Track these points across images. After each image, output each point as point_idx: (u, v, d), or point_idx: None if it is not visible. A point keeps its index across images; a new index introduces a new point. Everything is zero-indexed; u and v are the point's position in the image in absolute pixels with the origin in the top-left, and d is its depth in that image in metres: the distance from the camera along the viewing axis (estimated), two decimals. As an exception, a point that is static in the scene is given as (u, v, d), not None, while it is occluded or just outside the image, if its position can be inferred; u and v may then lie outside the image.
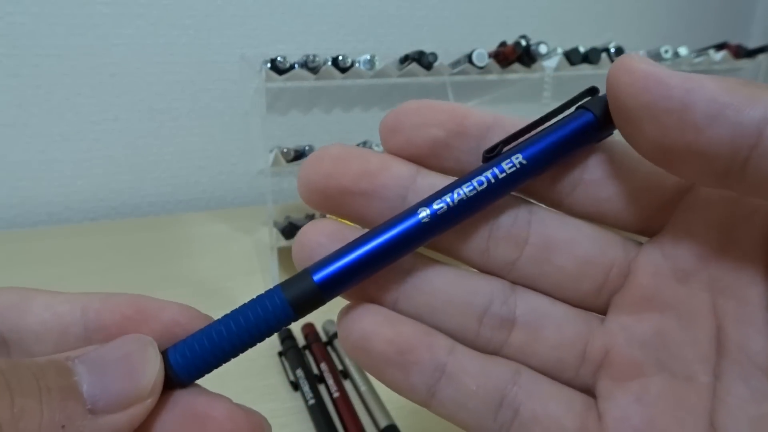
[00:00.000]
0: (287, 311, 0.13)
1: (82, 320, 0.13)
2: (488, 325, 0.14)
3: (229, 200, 0.76)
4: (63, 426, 0.10)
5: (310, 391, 0.30)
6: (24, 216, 0.66)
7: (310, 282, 0.13)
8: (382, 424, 0.28)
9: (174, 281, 0.47)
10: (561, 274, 0.14)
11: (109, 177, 0.69)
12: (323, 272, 0.13)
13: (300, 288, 0.13)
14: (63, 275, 0.49)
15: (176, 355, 0.13)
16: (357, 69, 0.40)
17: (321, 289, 0.13)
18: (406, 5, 0.76)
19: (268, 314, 0.13)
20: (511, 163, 0.13)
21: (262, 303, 0.13)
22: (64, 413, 0.10)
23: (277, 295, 0.13)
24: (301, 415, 0.30)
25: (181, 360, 0.13)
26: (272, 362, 0.34)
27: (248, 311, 0.13)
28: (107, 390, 0.11)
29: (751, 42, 0.58)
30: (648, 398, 0.13)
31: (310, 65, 0.40)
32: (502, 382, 0.14)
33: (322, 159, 0.14)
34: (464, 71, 0.44)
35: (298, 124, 0.75)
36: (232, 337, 0.13)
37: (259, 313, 0.13)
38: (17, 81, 0.62)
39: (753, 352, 0.12)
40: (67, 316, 0.13)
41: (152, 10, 0.65)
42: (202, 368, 0.13)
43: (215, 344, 0.13)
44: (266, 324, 0.13)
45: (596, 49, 0.47)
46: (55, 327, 0.13)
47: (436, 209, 0.13)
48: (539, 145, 0.13)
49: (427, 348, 0.13)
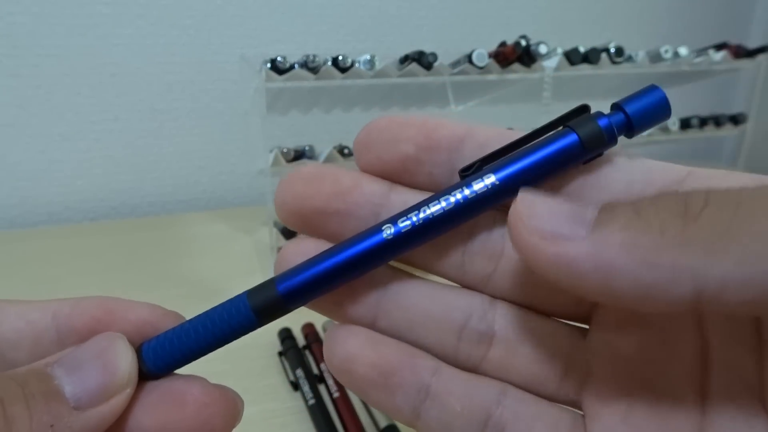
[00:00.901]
0: (250, 317, 0.13)
1: (53, 325, 0.14)
2: (467, 340, 0.14)
3: (229, 200, 0.76)
4: (52, 425, 0.11)
5: (310, 391, 0.30)
6: (24, 216, 0.66)
7: (273, 291, 0.13)
8: (381, 424, 0.28)
9: (174, 281, 0.47)
10: (537, 286, 0.14)
11: (109, 177, 0.69)
12: (287, 283, 0.13)
13: (264, 296, 0.13)
14: (63, 275, 0.49)
15: (149, 351, 0.13)
16: (357, 69, 0.40)
17: (284, 298, 0.13)
18: (406, 5, 0.76)
19: (232, 319, 0.13)
20: (483, 183, 0.13)
21: (229, 308, 0.14)
22: (51, 414, 0.11)
23: (242, 302, 0.13)
24: (301, 415, 0.30)
25: (153, 355, 0.13)
26: (272, 362, 0.34)
27: (215, 314, 0.14)
28: (87, 386, 0.12)
29: (751, 42, 0.58)
30: (634, 419, 0.13)
31: (310, 65, 0.40)
32: (487, 402, 0.14)
33: (295, 181, 0.14)
34: (464, 71, 0.44)
35: (298, 124, 0.75)
36: (199, 338, 0.13)
37: (225, 317, 0.13)
38: (17, 81, 0.62)
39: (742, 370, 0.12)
40: (39, 323, 0.14)
41: (152, 10, 0.65)
42: (172, 363, 0.14)
43: (184, 343, 0.13)
44: (230, 328, 0.13)
45: (596, 49, 0.47)
46: (28, 334, 0.14)
47: (401, 227, 0.13)
48: (515, 166, 0.13)
49: (411, 370, 0.13)
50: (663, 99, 0.12)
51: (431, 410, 0.13)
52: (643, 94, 0.13)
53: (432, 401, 0.13)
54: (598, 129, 0.12)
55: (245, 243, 0.57)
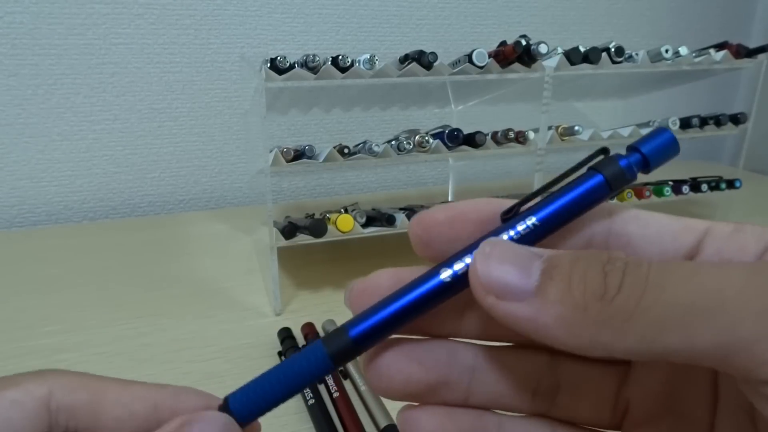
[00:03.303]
0: (327, 363, 0.15)
1: (155, 417, 0.15)
2: (539, 395, 0.16)
3: (229, 200, 0.76)
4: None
5: (310, 390, 0.30)
6: (24, 216, 0.66)
7: (346, 338, 0.15)
8: (381, 424, 0.28)
9: (174, 281, 0.47)
10: None
11: (108, 177, 0.69)
12: (357, 329, 0.15)
13: (338, 343, 0.15)
14: (63, 275, 0.49)
15: (236, 402, 0.15)
16: (357, 69, 0.40)
17: (356, 343, 0.15)
18: (406, 5, 0.76)
19: (311, 366, 0.15)
20: (525, 224, 0.14)
21: (308, 356, 0.15)
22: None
23: (319, 350, 0.15)
24: (301, 415, 0.30)
25: (240, 406, 0.15)
26: (272, 362, 0.34)
27: (295, 364, 0.15)
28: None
29: (751, 42, 0.58)
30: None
31: (310, 65, 0.39)
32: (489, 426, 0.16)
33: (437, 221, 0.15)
34: (464, 71, 0.43)
35: (298, 124, 0.75)
36: (282, 386, 0.15)
37: (304, 365, 0.15)
38: (17, 81, 0.62)
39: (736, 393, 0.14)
40: (141, 414, 0.15)
41: (152, 10, 0.65)
42: (256, 412, 0.15)
43: (268, 392, 0.15)
44: (310, 375, 0.15)
45: (596, 49, 0.47)
46: (130, 424, 0.15)
47: (456, 270, 0.14)
48: (552, 207, 0.14)
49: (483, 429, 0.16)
50: (672, 138, 0.14)
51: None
52: (654, 135, 0.15)
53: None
54: (619, 168, 0.14)
55: (245, 243, 0.57)
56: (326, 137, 0.77)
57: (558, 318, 0.12)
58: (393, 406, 0.29)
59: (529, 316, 0.12)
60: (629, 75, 0.51)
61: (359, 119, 0.78)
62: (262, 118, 0.39)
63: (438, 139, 0.44)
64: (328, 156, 0.41)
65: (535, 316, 0.12)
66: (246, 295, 0.44)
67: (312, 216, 0.47)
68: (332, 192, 0.80)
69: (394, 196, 0.76)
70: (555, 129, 0.51)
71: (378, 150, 0.43)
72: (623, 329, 0.11)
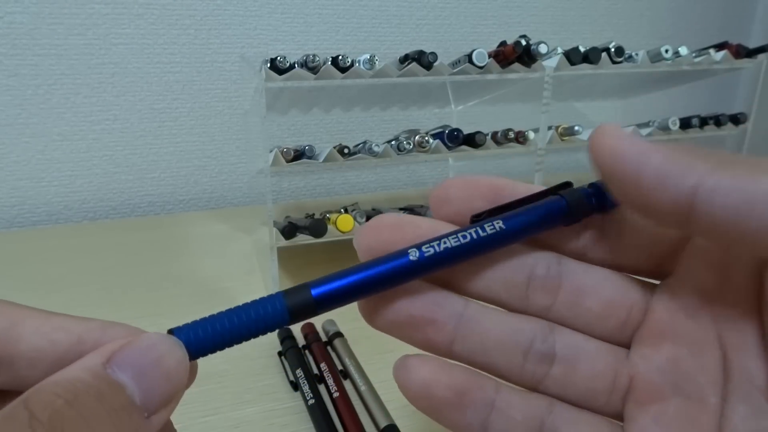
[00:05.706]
0: (284, 316, 0.14)
1: (78, 350, 0.13)
2: (532, 360, 0.16)
3: (229, 200, 0.76)
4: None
5: (310, 391, 0.30)
6: (24, 216, 0.66)
7: (308, 295, 0.15)
8: (382, 424, 0.28)
9: (174, 281, 0.47)
10: (590, 315, 0.17)
11: (108, 177, 0.69)
12: (320, 289, 0.15)
13: (299, 298, 0.15)
14: (63, 275, 0.49)
15: (181, 336, 0.14)
16: (357, 69, 0.40)
17: (316, 302, 0.15)
18: (406, 5, 0.76)
19: (267, 315, 0.14)
20: (492, 226, 0.16)
21: (264, 304, 0.15)
22: (132, 427, 0.12)
23: (278, 300, 0.15)
24: (301, 415, 0.30)
25: (185, 341, 0.14)
26: (272, 362, 0.34)
27: (250, 308, 0.15)
28: (154, 396, 0.12)
29: (751, 42, 0.58)
30: (665, 419, 0.15)
31: (309, 65, 0.39)
32: (540, 411, 0.16)
33: (381, 228, 0.16)
34: (464, 71, 0.43)
35: (298, 124, 0.75)
36: (232, 328, 0.14)
37: (260, 312, 0.14)
38: (17, 81, 0.62)
39: (752, 375, 0.14)
40: (62, 344, 0.13)
41: (152, 10, 0.65)
42: (200, 351, 0.14)
43: (217, 332, 0.14)
44: (263, 323, 0.14)
45: (596, 49, 0.47)
46: (49, 355, 0.13)
47: (424, 252, 0.15)
48: (518, 219, 0.16)
49: (479, 388, 0.16)
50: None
51: (496, 422, 0.16)
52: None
53: (497, 414, 0.16)
54: (580, 196, 0.16)
55: (245, 243, 0.57)
56: (326, 137, 0.77)
57: (662, 151, 0.13)
58: (393, 406, 0.29)
59: (631, 148, 0.13)
60: (629, 75, 0.51)
61: (359, 119, 0.78)
62: (262, 118, 0.39)
63: (438, 139, 0.44)
64: (328, 156, 0.41)
65: (637, 148, 0.13)
66: (246, 295, 0.44)
67: (312, 216, 0.47)
68: (332, 192, 0.80)
69: (394, 196, 0.76)
70: (555, 129, 0.51)
71: (378, 150, 0.43)
72: (723, 167, 0.12)
